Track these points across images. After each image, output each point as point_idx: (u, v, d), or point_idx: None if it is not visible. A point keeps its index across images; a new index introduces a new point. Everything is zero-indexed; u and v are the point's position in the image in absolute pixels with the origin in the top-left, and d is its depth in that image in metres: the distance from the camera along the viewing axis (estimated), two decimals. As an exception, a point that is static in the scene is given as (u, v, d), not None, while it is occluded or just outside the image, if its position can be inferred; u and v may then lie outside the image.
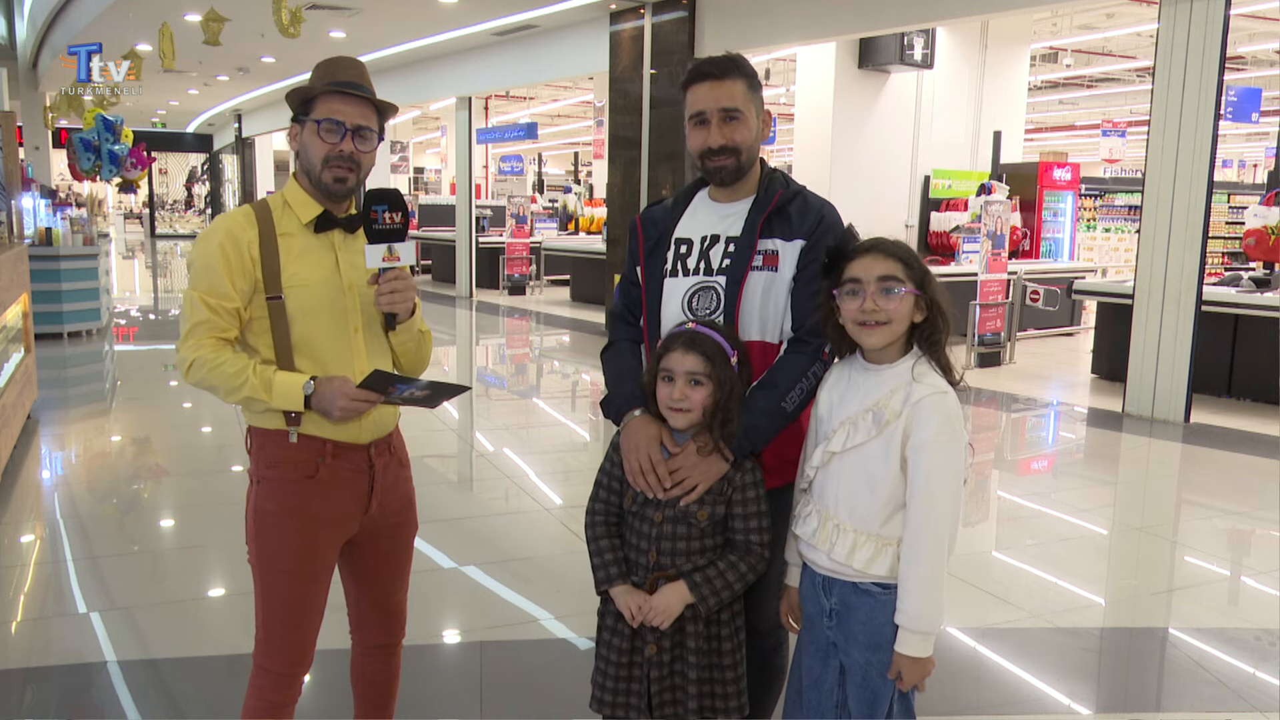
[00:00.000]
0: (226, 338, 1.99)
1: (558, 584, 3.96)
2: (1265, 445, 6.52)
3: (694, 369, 1.96)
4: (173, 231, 32.42)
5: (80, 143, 12.74)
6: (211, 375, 1.96)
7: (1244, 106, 12.03)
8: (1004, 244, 9.49)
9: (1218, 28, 6.66)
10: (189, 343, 1.98)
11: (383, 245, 2.00)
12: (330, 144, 2.00)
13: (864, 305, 1.85)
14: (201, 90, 21.15)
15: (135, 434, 6.59)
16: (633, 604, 2.00)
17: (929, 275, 1.89)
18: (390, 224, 2.01)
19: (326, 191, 2.05)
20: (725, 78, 2.08)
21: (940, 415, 1.81)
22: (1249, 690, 3.19)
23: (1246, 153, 27.41)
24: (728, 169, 2.11)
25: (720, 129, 2.09)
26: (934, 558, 1.82)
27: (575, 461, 6.04)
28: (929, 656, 1.85)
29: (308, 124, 2.02)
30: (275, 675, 2.08)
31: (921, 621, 1.82)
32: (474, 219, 16.18)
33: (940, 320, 1.88)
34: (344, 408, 1.93)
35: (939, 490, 1.81)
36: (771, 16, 9.59)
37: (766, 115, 2.17)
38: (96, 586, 3.88)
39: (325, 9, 11.51)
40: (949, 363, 1.91)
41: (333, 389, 1.93)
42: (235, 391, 1.95)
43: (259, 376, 1.94)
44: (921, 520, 1.82)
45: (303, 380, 1.95)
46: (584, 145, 27.93)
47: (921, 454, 1.81)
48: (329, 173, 2.02)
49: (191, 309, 1.98)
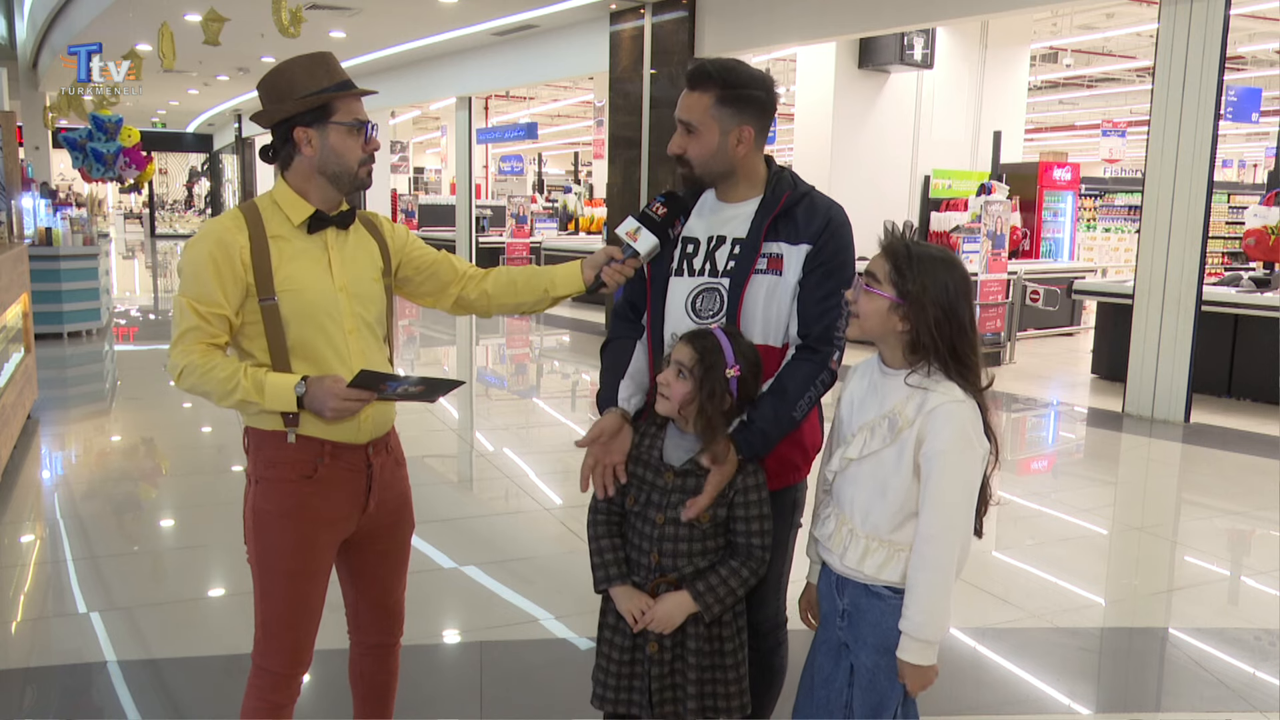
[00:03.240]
0: (217, 343, 1.99)
1: (558, 584, 3.96)
2: (1265, 445, 6.51)
3: (684, 360, 1.98)
4: (173, 231, 32.40)
5: (66, 142, 12.75)
6: (203, 381, 1.95)
7: (1244, 106, 12.02)
8: (1004, 244, 9.49)
9: (1218, 28, 6.66)
10: (179, 349, 1.97)
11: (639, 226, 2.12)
12: (363, 145, 2.05)
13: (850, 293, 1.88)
14: (201, 90, 21.17)
15: (135, 434, 6.59)
16: (634, 609, 2.01)
17: (928, 292, 1.79)
18: (656, 214, 2.13)
19: (362, 186, 2.08)
20: (695, 89, 2.08)
21: (954, 424, 1.78)
22: (1249, 690, 3.19)
23: (1246, 153, 27.40)
24: (686, 177, 2.14)
25: (677, 139, 2.11)
26: (940, 567, 1.80)
27: (575, 461, 5.99)
28: (931, 665, 1.83)
29: (332, 127, 2.01)
30: (274, 675, 2.08)
31: (924, 629, 1.80)
32: (474, 219, 16.19)
33: (926, 339, 1.80)
34: (335, 408, 1.92)
35: (949, 500, 1.79)
36: (771, 16, 9.59)
37: (744, 131, 2.06)
38: (96, 586, 3.88)
39: (325, 9, 11.52)
40: (972, 370, 1.83)
41: (323, 389, 1.92)
42: (228, 396, 1.94)
43: (250, 379, 1.93)
44: (930, 529, 1.80)
45: (294, 381, 1.94)
46: (584, 145, 27.93)
47: (933, 462, 1.79)
48: (364, 170, 2.07)
49: (181, 315, 1.97)
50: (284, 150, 2.04)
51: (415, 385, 1.97)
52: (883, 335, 1.86)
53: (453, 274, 2.30)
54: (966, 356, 1.82)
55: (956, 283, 1.82)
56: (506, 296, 2.29)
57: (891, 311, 1.82)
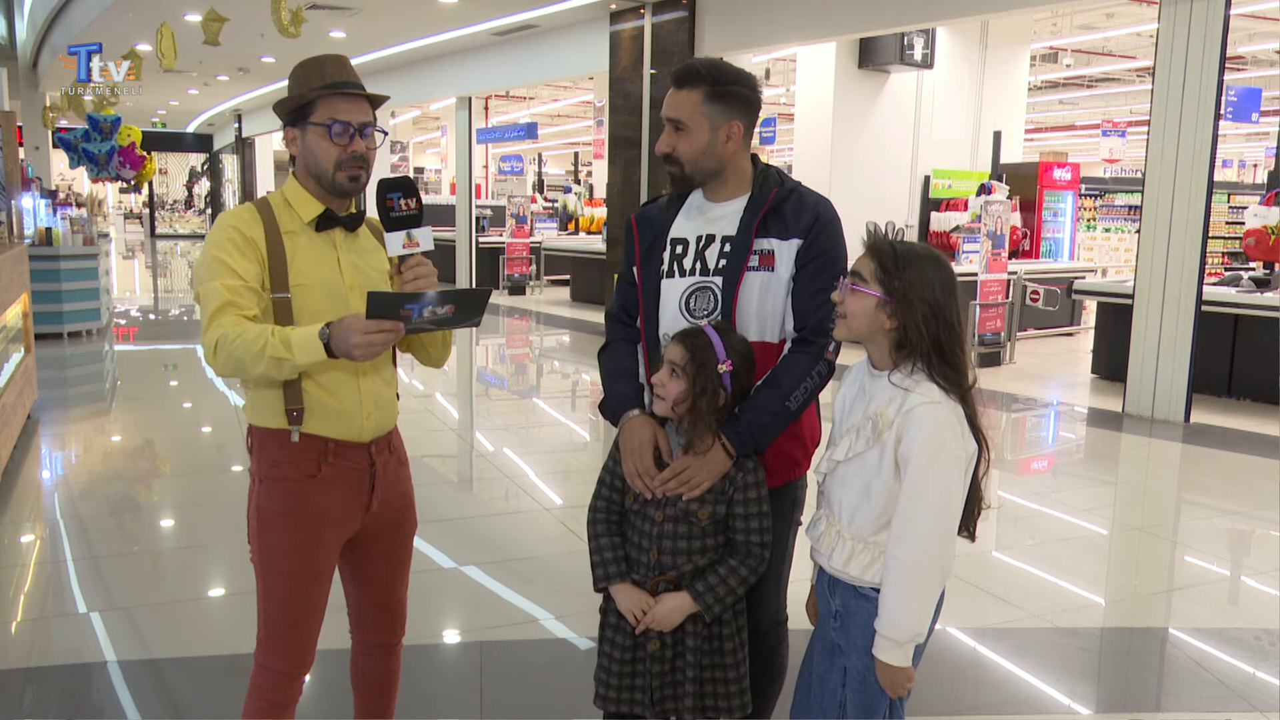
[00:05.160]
0: (247, 315, 1.94)
1: (558, 584, 3.96)
2: (1265, 445, 6.52)
3: (676, 360, 1.98)
4: (173, 231, 32.40)
5: (61, 142, 12.78)
6: (236, 347, 1.88)
7: (1244, 106, 12.02)
8: (1004, 244, 9.49)
9: (1218, 28, 6.66)
10: (211, 329, 1.92)
11: (402, 232, 1.98)
12: (341, 146, 2.00)
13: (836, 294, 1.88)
14: (201, 90, 21.17)
15: (135, 434, 6.59)
16: (634, 608, 2.01)
17: (915, 288, 1.80)
18: (406, 210, 1.99)
19: (341, 191, 2.04)
20: (683, 87, 2.09)
21: (929, 426, 1.77)
22: (1249, 690, 3.19)
23: (1246, 153, 27.40)
24: (675, 176, 2.14)
25: (666, 137, 2.12)
26: (910, 568, 1.79)
27: (575, 461, 6.04)
28: (905, 667, 1.82)
29: (309, 128, 2.01)
30: (277, 674, 2.08)
31: (894, 629, 1.79)
32: (474, 219, 16.19)
33: (914, 336, 1.80)
34: (360, 343, 1.82)
35: (922, 501, 1.78)
36: (771, 16, 9.59)
37: (734, 127, 2.08)
38: (96, 586, 3.88)
39: (325, 9, 11.52)
40: (955, 369, 1.82)
41: (345, 328, 1.84)
42: (259, 357, 1.87)
43: (278, 336, 1.88)
44: (900, 529, 1.80)
45: (317, 329, 1.87)
46: (584, 145, 27.93)
47: (907, 463, 1.79)
48: (342, 174, 2.02)
49: (208, 299, 1.94)
50: (291, 148, 2.08)
51: (444, 305, 1.84)
52: (870, 334, 1.86)
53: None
54: (953, 354, 1.82)
55: (943, 279, 1.83)
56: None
57: (879, 309, 1.82)
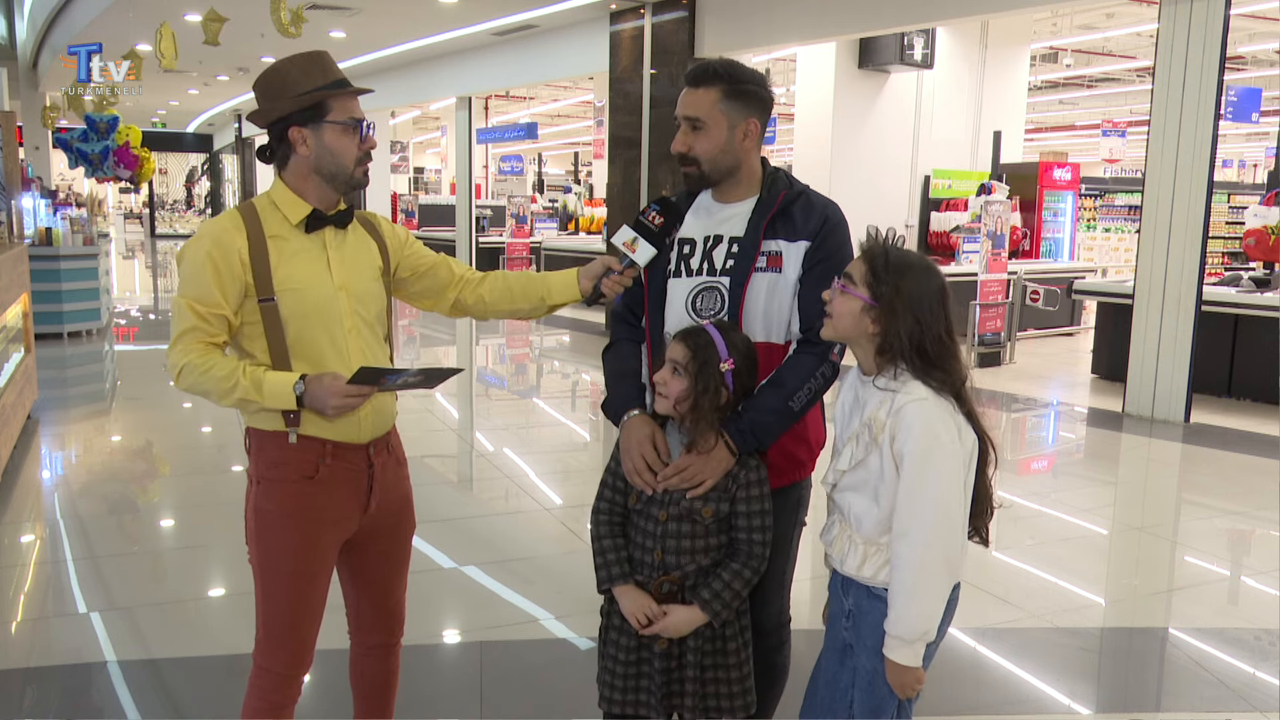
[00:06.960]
0: (215, 343, 1.98)
1: (558, 584, 3.96)
2: (1265, 445, 6.52)
3: (677, 358, 1.98)
4: (173, 231, 32.39)
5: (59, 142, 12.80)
6: (202, 380, 1.94)
7: (1244, 106, 12.02)
8: (1004, 244, 9.49)
9: (1218, 28, 6.66)
10: (178, 348, 1.97)
11: (632, 233, 2.12)
12: (358, 143, 2.04)
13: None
14: (201, 90, 21.16)
15: (135, 434, 6.59)
16: (638, 612, 2.00)
17: (903, 296, 1.79)
18: (651, 222, 2.13)
19: (357, 186, 2.08)
20: (699, 86, 2.10)
21: (920, 423, 1.78)
22: (1249, 690, 3.19)
23: (1246, 153, 27.40)
24: (691, 176, 2.14)
25: (682, 137, 2.12)
26: (915, 564, 1.79)
27: (575, 461, 6.04)
28: (914, 667, 1.82)
29: (328, 127, 2.01)
30: (276, 675, 2.08)
31: (901, 627, 1.80)
32: (474, 219, 16.19)
33: (895, 343, 1.81)
34: (336, 405, 1.92)
35: (920, 497, 1.78)
36: (771, 16, 9.59)
37: (751, 124, 2.11)
38: (96, 586, 3.88)
39: (325, 9, 11.51)
40: (941, 370, 1.82)
41: (323, 387, 1.91)
42: (227, 394, 1.94)
43: (249, 378, 1.93)
44: (901, 525, 1.80)
45: (293, 379, 1.93)
46: (584, 145, 27.93)
47: (902, 461, 1.79)
48: (360, 169, 2.07)
49: (180, 315, 1.97)
50: (280, 150, 2.04)
51: (415, 376, 1.96)
52: (854, 337, 1.87)
53: (450, 277, 2.30)
54: (940, 360, 1.82)
55: (933, 291, 1.83)
56: (503, 303, 2.30)
57: (864, 313, 1.83)
